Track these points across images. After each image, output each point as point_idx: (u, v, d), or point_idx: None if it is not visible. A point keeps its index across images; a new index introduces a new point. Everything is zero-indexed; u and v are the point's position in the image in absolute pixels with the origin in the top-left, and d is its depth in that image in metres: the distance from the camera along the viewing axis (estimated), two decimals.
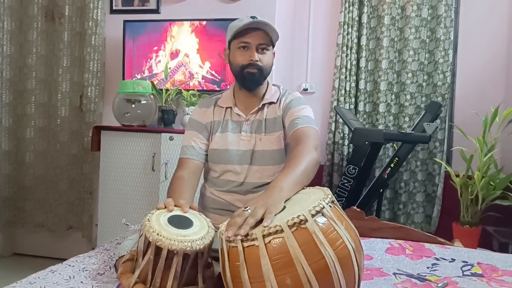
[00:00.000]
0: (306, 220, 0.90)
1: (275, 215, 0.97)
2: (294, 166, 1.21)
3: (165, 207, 1.16)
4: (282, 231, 0.89)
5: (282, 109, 1.55)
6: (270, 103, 1.57)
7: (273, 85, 1.63)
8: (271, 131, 1.54)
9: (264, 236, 0.89)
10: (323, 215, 0.93)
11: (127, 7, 3.09)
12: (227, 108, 1.60)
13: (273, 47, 1.56)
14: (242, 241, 0.91)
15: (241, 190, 1.52)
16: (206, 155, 1.59)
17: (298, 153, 1.30)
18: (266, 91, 1.59)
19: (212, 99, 1.65)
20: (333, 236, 0.91)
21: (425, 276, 1.37)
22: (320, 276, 0.87)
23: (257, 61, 1.48)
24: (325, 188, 1.06)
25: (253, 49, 1.48)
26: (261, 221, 0.94)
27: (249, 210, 0.98)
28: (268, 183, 1.49)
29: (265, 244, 0.89)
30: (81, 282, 1.21)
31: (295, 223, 0.89)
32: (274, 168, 1.53)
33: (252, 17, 1.49)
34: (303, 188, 1.16)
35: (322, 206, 0.93)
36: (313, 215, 0.91)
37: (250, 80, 1.51)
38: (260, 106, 1.56)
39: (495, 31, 2.92)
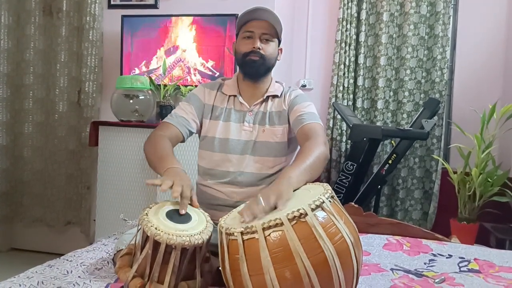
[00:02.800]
0: (306, 214, 0.90)
1: (287, 200, 1.00)
2: (303, 159, 1.24)
3: (181, 196, 1.13)
4: (282, 224, 0.89)
5: (288, 104, 1.56)
6: (274, 96, 1.58)
7: (276, 82, 1.64)
8: (275, 124, 1.54)
9: (264, 229, 0.90)
10: (322, 209, 0.93)
11: (125, 2, 3.07)
12: (230, 96, 1.59)
13: (279, 41, 1.55)
14: (242, 233, 0.91)
15: (240, 182, 1.49)
16: (191, 132, 1.56)
17: (307, 148, 1.32)
18: (270, 85, 1.60)
19: (216, 83, 1.64)
20: (332, 230, 0.92)
21: (422, 272, 1.37)
22: (319, 270, 0.87)
23: (259, 48, 1.48)
24: (325, 184, 1.07)
25: (256, 38, 1.49)
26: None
27: (261, 199, 1.01)
28: (269, 175, 1.50)
29: (265, 237, 0.89)
30: (79, 276, 1.21)
31: (295, 216, 0.89)
32: (275, 160, 1.52)
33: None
34: (305, 183, 1.16)
35: (322, 201, 0.94)
36: (313, 209, 0.91)
37: (251, 66, 1.51)
38: (264, 98, 1.57)
39: (493, 28, 2.92)
